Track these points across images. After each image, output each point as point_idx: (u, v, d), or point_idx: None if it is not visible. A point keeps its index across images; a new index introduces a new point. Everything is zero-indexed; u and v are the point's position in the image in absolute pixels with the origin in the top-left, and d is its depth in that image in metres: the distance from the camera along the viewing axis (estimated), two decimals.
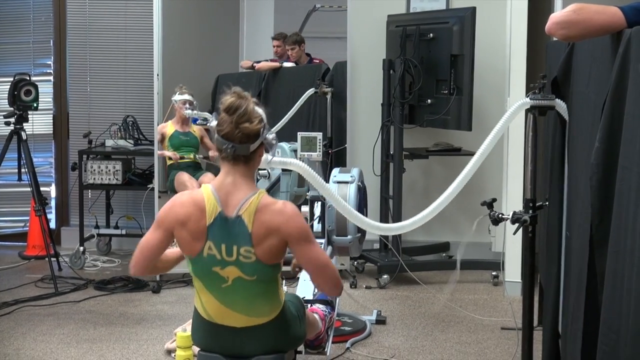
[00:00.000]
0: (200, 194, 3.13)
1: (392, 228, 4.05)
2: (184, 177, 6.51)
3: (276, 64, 7.28)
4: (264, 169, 5.78)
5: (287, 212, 3.09)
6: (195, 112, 6.63)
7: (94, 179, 6.82)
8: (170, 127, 6.64)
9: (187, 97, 6.67)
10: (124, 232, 7.14)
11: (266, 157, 3.24)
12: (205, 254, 3.11)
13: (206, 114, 6.61)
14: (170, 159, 6.61)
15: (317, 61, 7.28)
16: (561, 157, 3.66)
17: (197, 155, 6.71)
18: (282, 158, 3.47)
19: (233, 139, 3.06)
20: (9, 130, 6.46)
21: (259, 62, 7.39)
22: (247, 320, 3.17)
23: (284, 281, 3.28)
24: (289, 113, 6.63)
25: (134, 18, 7.37)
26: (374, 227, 3.96)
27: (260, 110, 3.14)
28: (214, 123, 3.14)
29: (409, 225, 3.86)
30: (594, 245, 2.60)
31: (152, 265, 3.24)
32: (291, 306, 3.36)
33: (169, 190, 6.60)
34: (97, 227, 7.14)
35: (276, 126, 6.57)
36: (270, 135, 3.18)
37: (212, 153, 6.52)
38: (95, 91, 7.50)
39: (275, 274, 3.18)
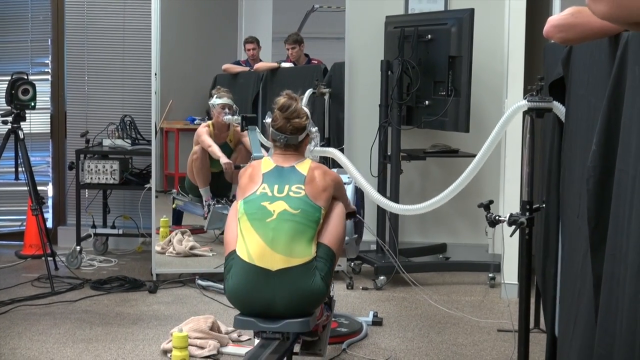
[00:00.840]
0: (257, 161, 4.01)
1: (412, 209, 4.46)
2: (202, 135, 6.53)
3: (274, 64, 7.25)
4: None
5: (335, 173, 4.07)
6: (235, 117, 6.30)
7: (91, 178, 6.81)
8: (209, 134, 6.55)
9: (226, 100, 6.54)
10: (120, 231, 7.13)
11: (309, 147, 4.12)
12: (258, 192, 3.81)
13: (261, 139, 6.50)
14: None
15: (316, 62, 7.26)
16: (559, 159, 3.65)
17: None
18: (321, 148, 4.45)
19: (285, 131, 3.94)
20: (6, 129, 6.45)
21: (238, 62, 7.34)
22: (283, 261, 3.68)
23: None
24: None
25: (132, 17, 7.36)
26: (396, 208, 4.70)
27: (305, 109, 4.02)
28: (268, 120, 4.03)
29: (427, 206, 4.36)
30: (590, 248, 2.60)
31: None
32: (321, 261, 3.79)
33: (189, 192, 6.65)
34: (94, 226, 7.13)
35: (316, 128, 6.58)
36: (314, 129, 4.09)
37: (225, 163, 6.49)
38: (93, 90, 7.49)
39: (316, 216, 3.79)
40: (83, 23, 7.43)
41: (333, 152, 4.54)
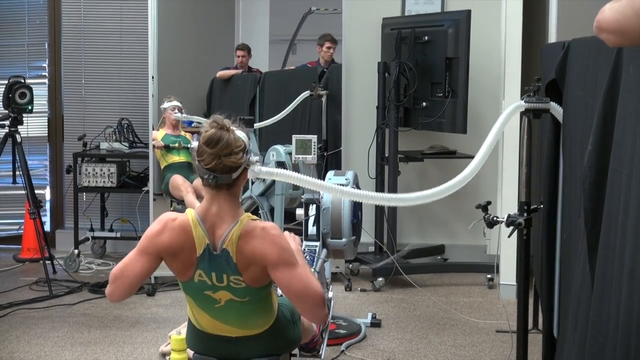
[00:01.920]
0: (187, 223, 3.09)
1: (406, 198, 3.91)
2: (178, 180, 6.50)
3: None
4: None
5: (266, 235, 3.05)
6: (184, 115, 6.66)
7: (89, 181, 6.81)
8: (160, 132, 6.64)
9: (175, 103, 6.69)
10: (118, 234, 7.12)
11: (253, 168, 3.14)
12: (196, 279, 3.11)
13: (198, 118, 6.61)
14: (165, 159, 6.59)
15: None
16: (554, 159, 3.66)
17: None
18: (269, 169, 3.31)
19: (215, 170, 3.03)
20: (4, 133, 6.45)
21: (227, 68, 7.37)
22: (241, 332, 3.20)
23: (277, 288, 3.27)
24: (280, 113, 6.64)
25: (129, 21, 7.36)
26: (387, 199, 3.86)
27: (242, 136, 3.10)
28: (195, 144, 3.10)
29: (425, 196, 3.74)
30: (588, 248, 2.60)
31: (133, 291, 3.20)
32: (285, 310, 3.36)
33: (164, 193, 6.59)
34: (91, 229, 7.13)
35: (266, 122, 6.59)
36: (255, 159, 3.14)
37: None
38: (90, 94, 7.49)
39: (267, 293, 3.18)
40: (80, 27, 7.43)
41: (282, 174, 3.44)
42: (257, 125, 6.65)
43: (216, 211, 3.09)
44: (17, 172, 6.48)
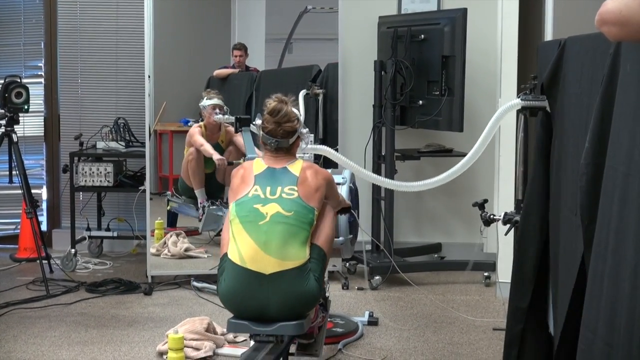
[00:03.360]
0: (249, 162, 3.95)
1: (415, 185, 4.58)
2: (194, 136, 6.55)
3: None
4: None
5: (327, 172, 4.01)
6: (226, 117, 6.44)
7: (85, 181, 6.80)
8: (203, 132, 6.56)
9: (216, 101, 6.55)
10: (115, 234, 7.12)
11: (301, 144, 4.06)
12: (250, 194, 3.76)
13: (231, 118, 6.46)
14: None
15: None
16: (542, 156, 3.66)
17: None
18: (313, 145, 4.39)
19: (276, 135, 3.88)
20: (0, 133, 6.44)
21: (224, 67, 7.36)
22: (276, 265, 3.64)
23: None
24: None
25: (125, 20, 7.36)
26: (401, 186, 4.70)
27: (296, 111, 3.95)
28: (258, 122, 3.93)
29: (431, 183, 4.37)
30: (584, 245, 2.60)
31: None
32: (314, 263, 3.77)
33: (182, 193, 6.67)
34: (88, 229, 7.12)
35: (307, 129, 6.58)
36: (305, 130, 4.00)
37: (218, 159, 6.50)
38: (86, 93, 7.48)
39: (309, 218, 3.76)
40: (76, 26, 7.43)
41: (325, 150, 4.50)
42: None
43: (275, 160, 3.91)
44: (14, 172, 6.47)
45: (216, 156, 6.48)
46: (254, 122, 4.02)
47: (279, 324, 3.67)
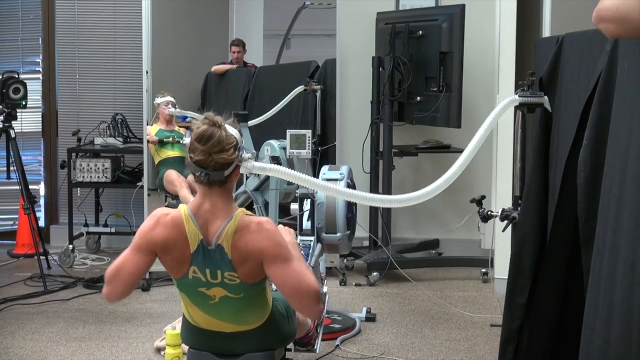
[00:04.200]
0: (180, 219, 3.08)
1: (395, 200, 3.87)
2: (172, 175, 6.49)
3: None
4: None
5: (261, 230, 3.04)
6: (178, 110, 6.67)
7: (83, 177, 6.80)
8: (154, 127, 6.64)
9: (169, 98, 6.70)
10: (113, 230, 7.13)
11: (246, 164, 3.11)
12: (190, 276, 3.09)
13: (192, 113, 6.61)
14: (159, 154, 6.59)
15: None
16: (541, 153, 3.66)
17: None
18: (262, 164, 3.28)
19: (206, 167, 3.02)
20: None
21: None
22: (236, 327, 3.19)
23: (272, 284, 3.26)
24: (274, 108, 6.63)
25: (123, 15, 7.35)
26: (379, 201, 3.87)
27: (234, 133, 3.07)
28: (187, 140, 3.10)
29: (411, 198, 3.72)
30: (581, 242, 2.61)
31: (131, 290, 3.16)
32: (279, 305, 3.35)
33: (158, 187, 6.59)
34: (86, 225, 7.13)
35: (260, 118, 6.59)
36: (247, 155, 3.11)
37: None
38: (84, 89, 7.48)
39: (262, 288, 3.17)
40: (74, 22, 7.42)
41: (277, 170, 3.38)
42: (250, 122, 6.63)
43: (209, 207, 3.08)
44: (11, 168, 6.48)
45: (149, 137, 6.60)
46: (183, 142, 3.20)
47: (245, 355, 3.25)
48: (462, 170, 3.69)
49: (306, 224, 4.58)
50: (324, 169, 4.77)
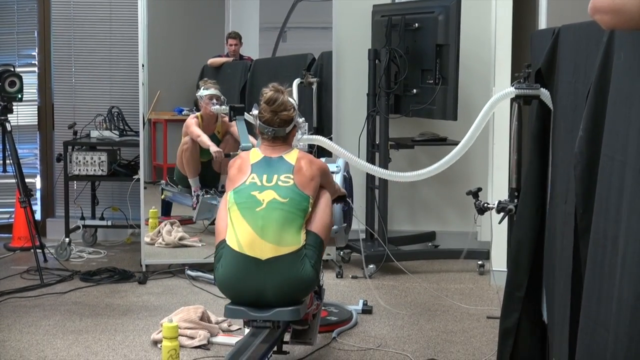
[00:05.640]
0: (245, 152, 4.03)
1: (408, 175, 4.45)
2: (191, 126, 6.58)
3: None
4: None
5: (322, 161, 4.12)
6: (223, 107, 6.22)
7: (79, 170, 6.79)
8: (200, 124, 6.56)
9: (213, 91, 6.52)
10: (109, 223, 7.12)
11: (297, 136, 4.11)
12: (247, 182, 3.86)
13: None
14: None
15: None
16: (538, 145, 3.66)
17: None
18: (308, 135, 4.43)
19: (272, 124, 3.97)
20: None
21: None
22: (272, 250, 3.73)
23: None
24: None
25: (119, 8, 7.34)
26: (394, 176, 4.50)
27: (292, 100, 4.04)
28: (255, 112, 4.04)
29: (424, 173, 4.31)
30: (578, 233, 2.61)
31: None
32: (310, 249, 3.84)
33: (178, 183, 6.69)
34: (82, 218, 7.12)
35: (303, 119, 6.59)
36: (301, 119, 4.11)
37: (215, 152, 6.50)
38: (80, 82, 7.47)
39: (304, 205, 3.84)
40: (69, 14, 7.41)
41: (320, 139, 4.50)
42: (247, 116, 6.59)
43: (272, 149, 3.99)
44: (8, 161, 6.47)
45: (213, 148, 6.48)
46: (250, 112, 4.12)
47: (275, 309, 3.73)
48: (463, 152, 3.77)
49: None
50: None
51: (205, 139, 6.49)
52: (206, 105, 6.51)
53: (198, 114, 6.60)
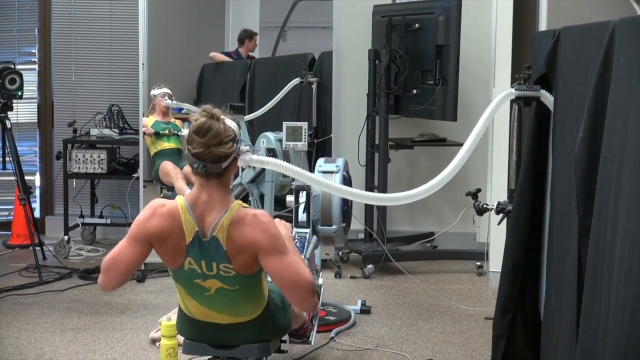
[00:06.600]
0: (176, 209, 3.10)
1: (385, 198, 3.93)
2: (168, 166, 6.49)
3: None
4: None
5: (257, 222, 3.06)
6: (174, 102, 6.63)
7: (79, 168, 6.80)
8: (150, 119, 6.62)
9: (165, 90, 6.66)
10: (108, 221, 7.13)
11: (244, 157, 3.14)
12: (186, 267, 3.12)
13: (188, 105, 6.60)
14: (154, 146, 6.58)
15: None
16: (535, 146, 3.67)
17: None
18: (259, 157, 3.27)
19: (204, 159, 3.04)
20: None
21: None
22: (232, 319, 3.22)
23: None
24: (271, 101, 6.63)
25: (120, 7, 7.34)
26: (372, 198, 3.92)
27: (232, 125, 3.09)
28: (185, 132, 3.13)
29: (403, 197, 3.76)
30: (578, 235, 2.61)
31: (126, 280, 3.20)
32: (275, 297, 3.39)
33: (154, 179, 6.59)
34: (81, 216, 7.12)
35: (256, 113, 6.59)
36: (245, 148, 3.13)
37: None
38: (80, 80, 7.47)
39: (257, 280, 3.20)
40: (70, 12, 7.41)
41: (273, 163, 3.34)
42: (247, 117, 6.62)
43: (206, 199, 3.10)
44: (7, 158, 6.48)
45: (146, 130, 6.56)
46: (181, 134, 3.24)
47: (241, 346, 3.30)
48: (459, 169, 3.71)
49: (302, 216, 4.59)
50: (320, 161, 4.78)
51: (181, 185, 6.50)
52: (159, 102, 6.64)
53: (150, 116, 6.65)
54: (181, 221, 3.08)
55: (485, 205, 3.96)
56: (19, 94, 6.57)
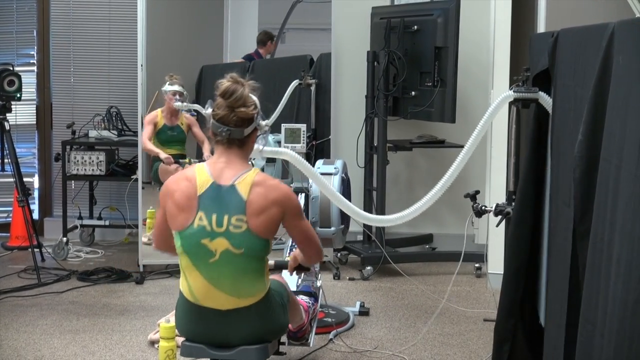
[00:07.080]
0: (192, 169, 3.28)
1: (381, 220, 4.17)
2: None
3: None
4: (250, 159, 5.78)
5: (283, 188, 3.25)
6: (185, 104, 6.47)
7: (78, 169, 6.80)
8: (160, 117, 6.58)
9: (177, 87, 6.53)
10: (107, 223, 7.12)
11: (258, 146, 3.38)
12: (195, 225, 3.20)
13: (197, 106, 6.55)
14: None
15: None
16: (535, 148, 3.67)
17: (191, 160, 6.56)
18: (273, 148, 3.53)
19: (228, 122, 3.22)
20: None
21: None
22: (232, 302, 3.24)
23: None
24: (278, 108, 6.62)
25: (118, 8, 7.34)
26: (364, 218, 4.16)
27: (254, 97, 3.30)
28: (209, 110, 3.29)
29: (396, 219, 4.08)
30: (576, 237, 2.62)
31: (165, 239, 3.39)
32: (276, 294, 3.41)
33: (153, 180, 6.58)
34: (80, 217, 7.12)
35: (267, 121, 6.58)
36: (264, 122, 3.34)
37: (206, 152, 6.46)
38: (79, 82, 7.47)
39: (263, 252, 3.26)
40: (68, 14, 7.41)
41: (287, 153, 3.67)
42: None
43: (225, 160, 3.27)
44: (6, 160, 6.48)
45: (162, 155, 6.46)
46: (205, 111, 3.36)
47: (239, 347, 3.30)
48: (454, 178, 3.72)
49: None
50: (319, 163, 4.78)
51: (150, 147, 6.46)
52: (169, 100, 6.53)
53: (159, 109, 6.60)
54: (195, 176, 3.24)
55: (483, 207, 3.97)
56: (18, 95, 6.57)
